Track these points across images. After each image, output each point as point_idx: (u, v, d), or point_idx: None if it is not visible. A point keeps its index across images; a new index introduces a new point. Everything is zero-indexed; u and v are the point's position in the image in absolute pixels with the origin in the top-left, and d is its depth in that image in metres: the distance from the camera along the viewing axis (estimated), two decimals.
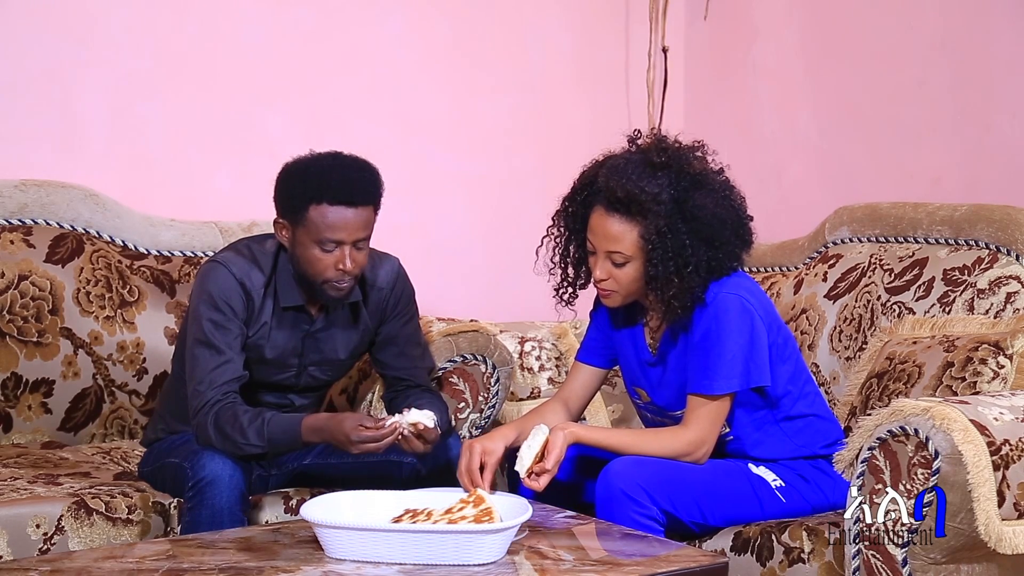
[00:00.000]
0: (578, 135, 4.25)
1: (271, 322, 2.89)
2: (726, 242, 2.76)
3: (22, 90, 3.50)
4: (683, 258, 2.72)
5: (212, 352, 2.80)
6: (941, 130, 3.70)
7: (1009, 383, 2.89)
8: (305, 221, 2.76)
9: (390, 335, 3.02)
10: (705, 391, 2.75)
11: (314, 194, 2.74)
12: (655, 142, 2.80)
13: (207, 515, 2.69)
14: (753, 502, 2.80)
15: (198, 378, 2.81)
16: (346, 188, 2.75)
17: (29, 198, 3.35)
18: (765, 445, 2.86)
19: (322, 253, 2.77)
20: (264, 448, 2.75)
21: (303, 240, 2.78)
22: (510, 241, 4.20)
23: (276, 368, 2.94)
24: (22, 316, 3.26)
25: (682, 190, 2.73)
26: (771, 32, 4.15)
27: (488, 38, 4.13)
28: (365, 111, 3.93)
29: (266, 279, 2.87)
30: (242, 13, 3.77)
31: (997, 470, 2.43)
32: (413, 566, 2.29)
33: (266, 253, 2.89)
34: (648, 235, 2.72)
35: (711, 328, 2.75)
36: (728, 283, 2.79)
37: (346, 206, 2.75)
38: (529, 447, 2.70)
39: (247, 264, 2.86)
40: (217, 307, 2.82)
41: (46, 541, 2.69)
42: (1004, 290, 3.11)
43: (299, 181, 2.78)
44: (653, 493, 2.68)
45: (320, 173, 2.76)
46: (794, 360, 2.88)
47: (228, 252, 2.91)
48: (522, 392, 3.73)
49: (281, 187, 2.82)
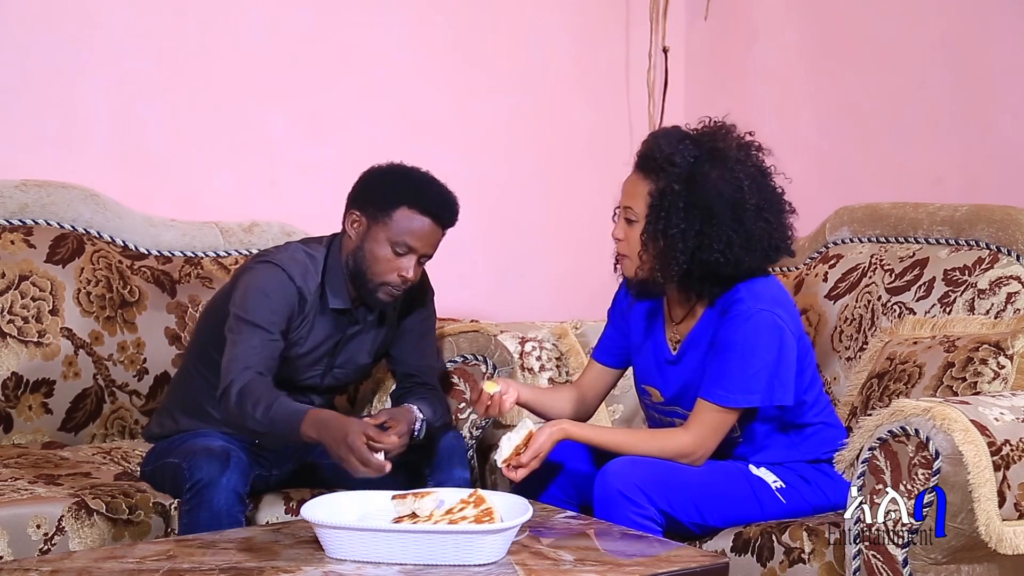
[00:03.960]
0: (578, 135, 4.26)
1: (314, 322, 2.92)
2: (721, 222, 2.73)
3: (22, 90, 3.50)
4: (673, 223, 2.73)
5: (260, 331, 2.82)
6: (941, 130, 3.70)
7: (1010, 383, 2.89)
8: (388, 219, 2.84)
9: (407, 328, 3.06)
10: (719, 401, 2.74)
11: (409, 198, 2.84)
12: (709, 122, 2.85)
13: (205, 517, 2.69)
14: (752, 503, 2.80)
15: (241, 349, 2.80)
16: (439, 204, 2.88)
17: (30, 198, 3.35)
18: (772, 450, 2.85)
19: (392, 255, 2.85)
20: (264, 427, 2.73)
21: (378, 237, 2.85)
22: (510, 241, 4.21)
23: (306, 367, 2.96)
24: (23, 316, 3.26)
25: (698, 161, 2.75)
26: (771, 32, 4.15)
27: (488, 38, 4.13)
28: (365, 111, 3.93)
29: (319, 283, 2.92)
30: (242, 13, 3.77)
31: (998, 470, 2.43)
32: (413, 566, 2.29)
33: (316, 256, 2.94)
34: (655, 193, 2.76)
35: (738, 340, 2.73)
36: (763, 296, 2.76)
37: (433, 220, 2.86)
38: (509, 439, 2.74)
39: (302, 266, 2.91)
40: (268, 295, 2.85)
41: (47, 541, 2.69)
42: (1004, 290, 3.11)
43: (397, 181, 2.88)
44: (651, 494, 2.67)
45: (419, 182, 2.89)
46: (811, 369, 2.88)
47: (283, 254, 2.94)
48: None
49: (373, 182, 2.90)
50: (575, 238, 4.21)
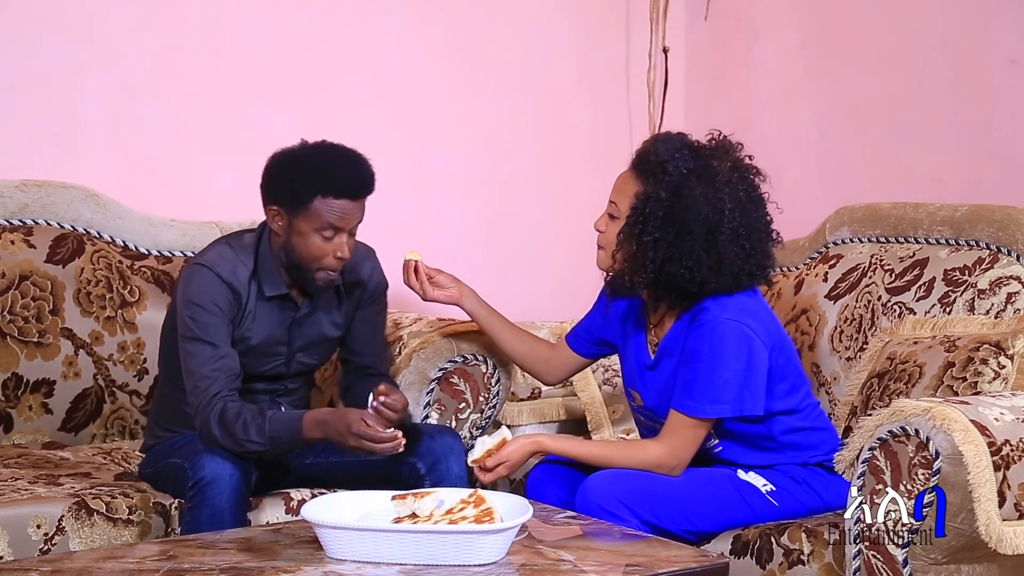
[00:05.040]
0: (578, 135, 4.26)
1: (256, 312, 2.92)
2: (694, 240, 2.73)
3: (22, 90, 3.50)
4: (648, 230, 2.74)
5: (206, 346, 2.83)
6: (941, 130, 3.70)
7: (1010, 383, 2.89)
8: (308, 210, 2.82)
9: (364, 320, 3.08)
10: (689, 412, 2.74)
11: (322, 186, 2.81)
12: (716, 136, 2.85)
13: (208, 515, 2.69)
14: (742, 507, 2.79)
15: (197, 374, 2.82)
16: (352, 182, 2.84)
17: (30, 198, 3.35)
18: (755, 455, 2.85)
19: (322, 241, 2.84)
20: (265, 446, 2.75)
21: (302, 228, 2.84)
22: (510, 241, 4.21)
23: (265, 357, 2.96)
24: (23, 316, 3.26)
25: (689, 174, 2.75)
26: (771, 32, 4.15)
27: (489, 38, 4.13)
28: (365, 111, 3.93)
29: (250, 272, 2.91)
30: (242, 13, 3.76)
31: (998, 470, 2.43)
32: (414, 566, 2.30)
33: (246, 247, 2.94)
34: (640, 196, 2.77)
35: (704, 350, 2.73)
36: (731, 306, 2.76)
37: (351, 198, 2.83)
38: (483, 442, 2.80)
39: (231, 263, 2.90)
40: (205, 307, 2.85)
41: (47, 541, 2.69)
42: (1005, 290, 3.11)
43: (305, 172, 2.84)
44: (632, 506, 2.67)
45: (326, 166, 2.84)
46: (792, 376, 2.86)
47: (210, 253, 2.94)
48: (523, 392, 3.73)
49: (282, 175, 2.87)
50: (575, 238, 4.20)
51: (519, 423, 3.71)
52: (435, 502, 2.46)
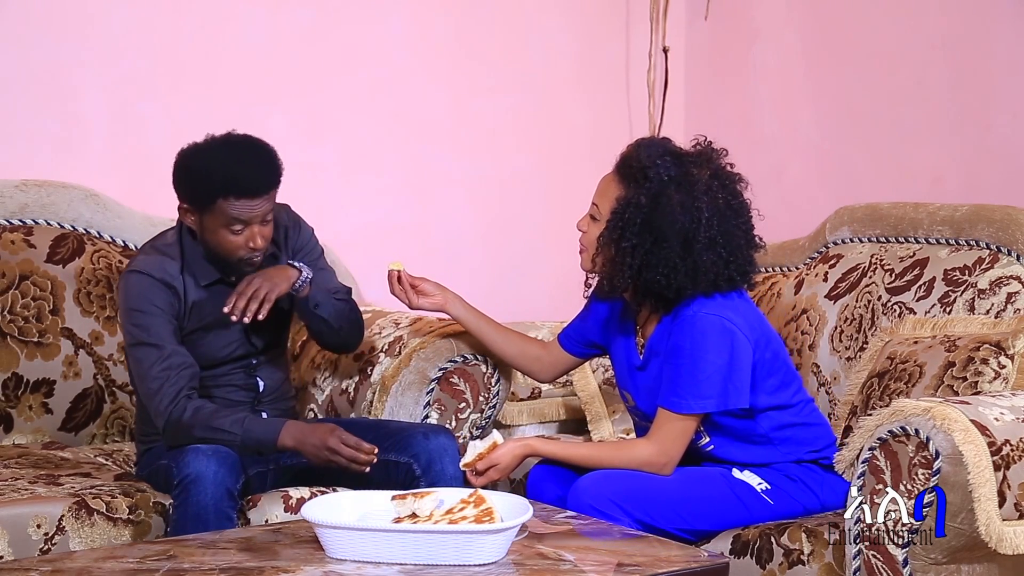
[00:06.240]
0: (578, 135, 4.26)
1: (198, 301, 2.93)
2: (670, 249, 2.73)
3: (22, 90, 3.50)
4: (626, 236, 2.75)
5: (151, 348, 2.84)
6: (941, 130, 3.70)
7: (1010, 383, 2.89)
8: (213, 211, 2.83)
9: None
10: (675, 408, 2.75)
11: (221, 190, 2.81)
12: (701, 142, 2.84)
13: (192, 513, 2.68)
14: (737, 506, 2.79)
15: (148, 376, 2.84)
16: (253, 182, 2.83)
17: (30, 198, 3.35)
18: (748, 453, 2.85)
19: (232, 236, 2.85)
20: (238, 436, 2.78)
21: (211, 226, 2.85)
22: (510, 241, 4.20)
23: (223, 343, 2.97)
24: (23, 316, 3.26)
25: (669, 181, 2.75)
26: (771, 32, 4.15)
27: (488, 38, 4.13)
28: (365, 111, 3.93)
29: (180, 267, 2.92)
30: (242, 13, 3.76)
31: (998, 470, 2.43)
32: (414, 566, 2.29)
33: (170, 244, 2.95)
34: (621, 200, 2.77)
35: (686, 346, 2.74)
36: (712, 302, 2.77)
37: (253, 196, 2.82)
38: (474, 446, 2.82)
39: (157, 261, 2.91)
40: (144, 310, 2.86)
41: (47, 541, 2.69)
42: (1005, 290, 3.11)
43: (204, 177, 2.83)
44: (625, 505, 2.68)
45: (225, 168, 2.82)
46: (782, 372, 2.86)
47: (137, 259, 2.96)
48: (522, 392, 3.73)
49: (187, 174, 2.87)
50: (575, 238, 4.20)
51: (519, 423, 3.71)
52: (435, 502, 2.46)
